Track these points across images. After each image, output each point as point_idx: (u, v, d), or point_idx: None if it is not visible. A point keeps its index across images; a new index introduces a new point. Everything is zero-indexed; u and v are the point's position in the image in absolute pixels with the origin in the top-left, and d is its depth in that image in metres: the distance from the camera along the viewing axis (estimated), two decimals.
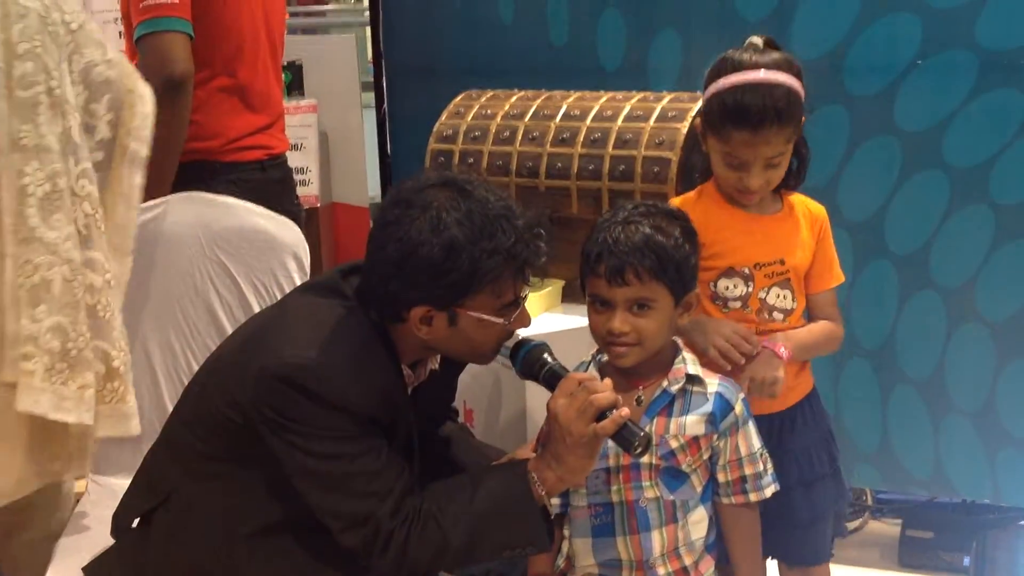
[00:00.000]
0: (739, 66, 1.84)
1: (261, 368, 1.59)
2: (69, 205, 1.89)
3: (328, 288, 1.72)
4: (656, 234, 1.70)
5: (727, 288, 1.93)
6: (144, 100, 2.08)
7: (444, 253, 1.57)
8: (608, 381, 1.63)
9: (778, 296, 1.94)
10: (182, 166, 2.49)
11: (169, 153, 2.42)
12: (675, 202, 1.99)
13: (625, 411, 1.57)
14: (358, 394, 1.60)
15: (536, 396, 2.24)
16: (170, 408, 2.18)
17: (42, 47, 1.85)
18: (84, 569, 1.82)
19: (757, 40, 1.89)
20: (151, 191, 2.27)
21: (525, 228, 1.62)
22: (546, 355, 1.71)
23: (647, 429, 1.59)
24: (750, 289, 1.93)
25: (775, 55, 1.86)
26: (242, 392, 1.63)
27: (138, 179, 2.07)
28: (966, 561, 2.75)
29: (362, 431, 1.61)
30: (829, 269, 2.00)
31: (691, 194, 2.00)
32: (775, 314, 1.95)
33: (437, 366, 1.83)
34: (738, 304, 1.94)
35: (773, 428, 1.96)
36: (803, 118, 1.87)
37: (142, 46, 2.43)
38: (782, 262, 1.93)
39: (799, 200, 1.99)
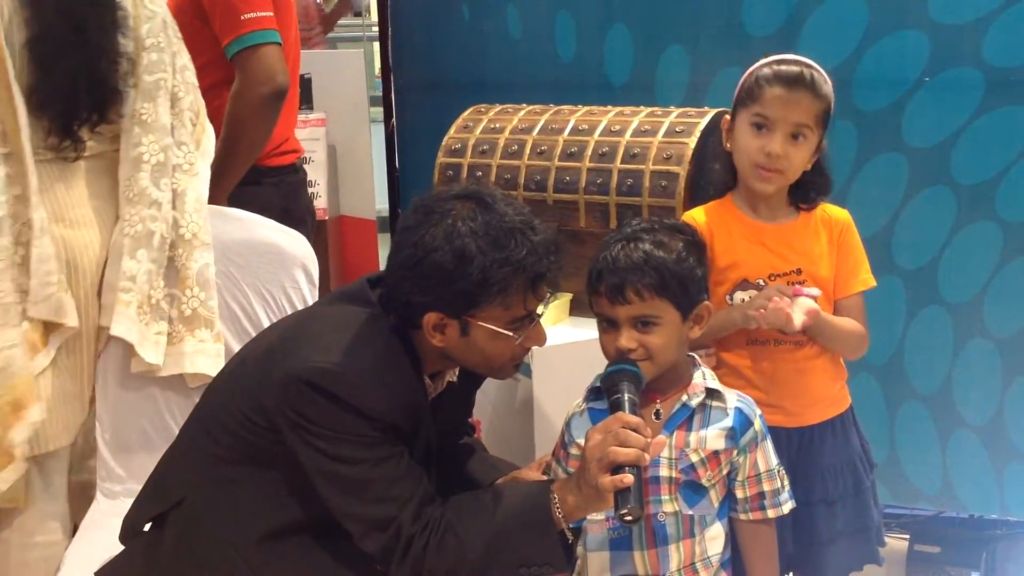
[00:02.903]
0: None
1: (287, 372, 1.61)
2: (171, 173, 2.17)
3: (355, 296, 1.73)
4: (656, 250, 1.70)
5: (743, 301, 1.93)
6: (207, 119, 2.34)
7: (455, 260, 1.58)
8: (652, 442, 1.58)
9: None
10: None
11: (250, 159, 2.57)
12: (690, 212, 1.99)
13: (629, 479, 1.53)
14: (382, 401, 1.61)
15: (543, 409, 2.25)
16: (170, 418, 2.21)
17: (165, 43, 2.17)
18: (96, 573, 1.82)
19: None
20: (219, 196, 2.45)
21: (540, 243, 1.63)
22: (625, 383, 1.66)
23: (642, 506, 1.55)
24: None
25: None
26: (267, 396, 1.64)
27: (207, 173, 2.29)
28: None
29: (384, 437, 1.62)
30: (854, 274, 1.97)
31: (707, 205, 2.01)
32: None
33: (455, 378, 1.83)
34: None
35: (803, 441, 1.96)
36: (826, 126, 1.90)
37: (246, 58, 2.49)
38: (799, 271, 1.93)
39: (819, 208, 1.98)
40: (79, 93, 2.03)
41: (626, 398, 1.63)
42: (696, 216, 1.98)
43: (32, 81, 1.99)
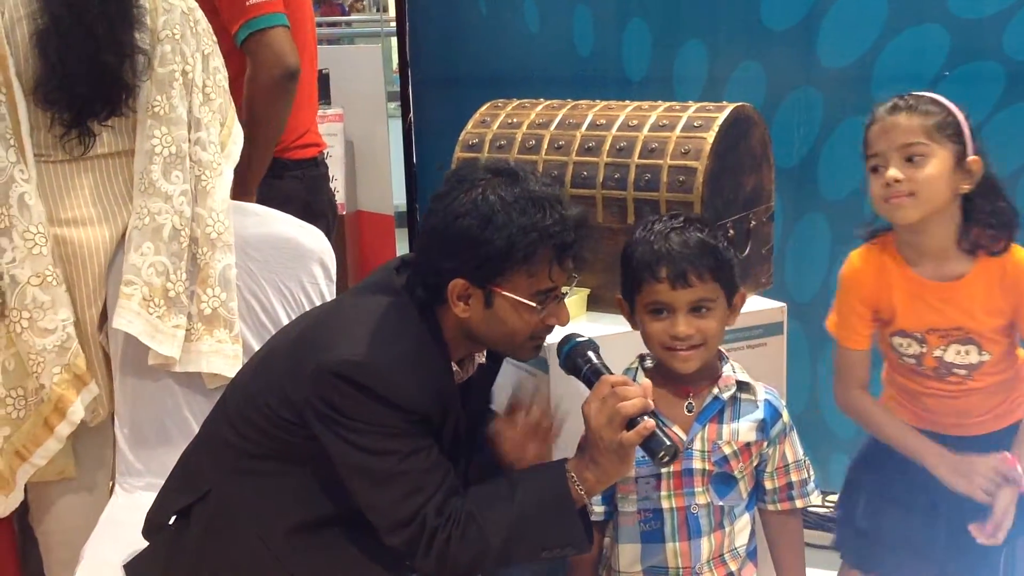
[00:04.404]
0: None
1: (318, 365, 1.62)
2: (188, 167, 2.16)
3: (381, 286, 1.74)
4: (708, 238, 1.74)
5: (901, 345, 1.92)
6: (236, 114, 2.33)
7: (481, 226, 1.60)
8: (642, 387, 1.62)
9: (958, 353, 1.88)
10: None
11: (271, 145, 2.58)
12: (855, 253, 1.95)
13: (651, 423, 1.57)
14: (412, 391, 1.62)
15: (559, 403, 2.25)
16: (188, 413, 2.22)
17: (181, 36, 2.15)
18: (125, 566, 1.84)
19: None
20: (247, 187, 2.48)
21: (569, 217, 1.65)
22: (591, 352, 1.70)
23: (671, 440, 1.59)
24: (924, 349, 1.90)
25: None
26: (296, 389, 1.65)
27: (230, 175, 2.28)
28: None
29: (413, 429, 1.63)
30: None
31: (872, 245, 1.94)
32: (956, 371, 1.89)
33: (484, 359, 1.84)
34: (912, 361, 1.92)
35: (964, 447, 1.89)
36: (969, 146, 1.85)
37: (255, 42, 2.49)
38: (959, 328, 1.86)
39: (997, 259, 1.85)
40: (83, 86, 2.03)
41: (599, 364, 1.67)
42: (854, 260, 1.94)
43: (38, 74, 2.01)
